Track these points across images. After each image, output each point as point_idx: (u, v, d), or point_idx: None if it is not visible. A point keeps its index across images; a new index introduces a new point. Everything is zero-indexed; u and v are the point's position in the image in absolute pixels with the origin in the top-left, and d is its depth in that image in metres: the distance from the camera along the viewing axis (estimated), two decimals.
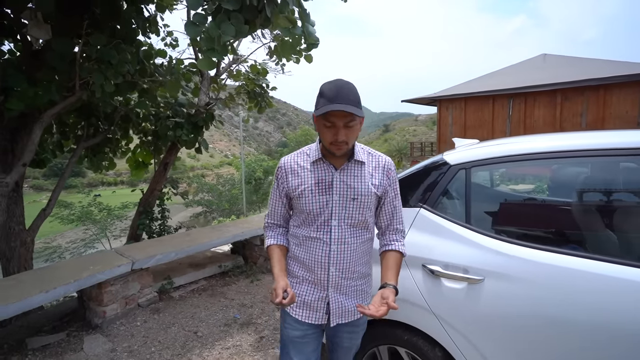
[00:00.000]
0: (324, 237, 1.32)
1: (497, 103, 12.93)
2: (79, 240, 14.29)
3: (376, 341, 1.83)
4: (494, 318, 1.46)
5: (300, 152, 1.42)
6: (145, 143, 5.74)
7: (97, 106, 4.66)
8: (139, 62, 4.19)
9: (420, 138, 46.01)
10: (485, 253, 1.50)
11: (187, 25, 2.90)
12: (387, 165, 1.39)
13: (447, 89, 14.60)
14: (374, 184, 1.34)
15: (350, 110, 1.17)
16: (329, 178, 1.32)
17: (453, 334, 1.56)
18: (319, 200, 1.31)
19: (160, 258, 3.39)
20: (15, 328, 3.04)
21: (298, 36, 2.98)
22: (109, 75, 3.56)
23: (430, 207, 1.70)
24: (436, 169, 1.77)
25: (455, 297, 1.55)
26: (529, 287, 1.38)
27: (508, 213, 1.76)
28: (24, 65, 3.62)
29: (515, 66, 14.98)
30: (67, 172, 4.83)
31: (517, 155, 1.54)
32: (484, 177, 1.93)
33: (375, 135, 76.44)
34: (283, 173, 1.39)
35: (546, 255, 1.38)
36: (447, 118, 14.11)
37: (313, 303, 1.38)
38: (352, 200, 1.30)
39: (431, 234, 1.66)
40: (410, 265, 1.67)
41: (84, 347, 2.68)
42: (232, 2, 2.80)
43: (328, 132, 1.24)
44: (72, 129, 5.20)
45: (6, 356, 2.58)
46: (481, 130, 13.13)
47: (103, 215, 13.30)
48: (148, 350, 2.67)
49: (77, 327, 3.02)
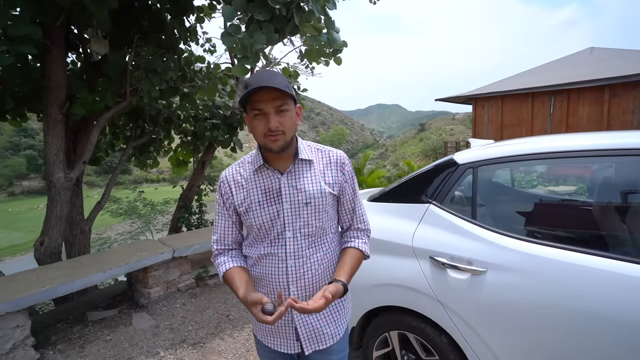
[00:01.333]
0: (278, 252, 1.16)
1: (537, 101, 12.36)
2: (126, 232, 15.41)
3: (387, 327, 1.98)
4: (495, 307, 1.56)
5: (242, 161, 1.24)
6: (186, 143, 6.20)
7: (143, 110, 5.13)
8: (181, 69, 4.58)
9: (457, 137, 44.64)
10: (488, 246, 1.61)
11: (223, 35, 3.18)
12: (339, 160, 1.23)
13: (483, 87, 14.18)
14: (327, 182, 1.19)
15: (276, 86, 1.02)
16: (275, 185, 1.16)
17: (458, 321, 1.68)
18: (268, 212, 1.14)
19: (198, 248, 3.72)
20: (77, 303, 3.50)
21: (324, 42, 3.17)
22: (155, 82, 3.96)
23: (438, 204, 1.83)
24: (446, 167, 1.89)
25: (459, 287, 1.67)
26: (528, 279, 1.48)
27: (512, 210, 1.84)
28: (84, 75, 4.10)
29: (558, 61, 14.23)
30: (119, 168, 5.35)
31: (520, 156, 1.63)
32: (491, 176, 2.02)
33: (410, 135, 75.05)
34: (227, 187, 1.21)
35: (545, 249, 1.47)
36: (483, 117, 13.69)
37: (280, 329, 1.21)
38: (306, 206, 1.15)
39: (439, 228, 1.79)
40: (419, 257, 1.81)
41: (132, 323, 3.06)
42: (263, 12, 3.03)
43: (259, 123, 1.08)
44: (122, 130, 5.75)
45: (71, 325, 3.02)
46: (519, 129, 12.62)
47: (147, 210, 14.27)
48: (186, 329, 2.99)
49: (127, 305, 3.42)
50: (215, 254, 1.27)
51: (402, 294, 1.86)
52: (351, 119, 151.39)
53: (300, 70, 6.19)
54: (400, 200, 2.04)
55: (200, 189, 6.22)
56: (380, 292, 1.95)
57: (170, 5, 4.30)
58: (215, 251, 1.26)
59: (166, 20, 4.34)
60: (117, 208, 13.93)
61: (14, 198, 53.30)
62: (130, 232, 15.03)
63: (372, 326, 2.03)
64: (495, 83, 14.41)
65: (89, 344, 2.75)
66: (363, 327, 2.08)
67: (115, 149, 5.89)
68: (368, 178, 11.77)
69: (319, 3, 3.04)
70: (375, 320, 2.02)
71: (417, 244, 1.82)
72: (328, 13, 3.12)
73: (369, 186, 10.63)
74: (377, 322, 2.02)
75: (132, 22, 4.15)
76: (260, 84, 1.03)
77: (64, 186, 3.71)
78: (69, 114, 3.76)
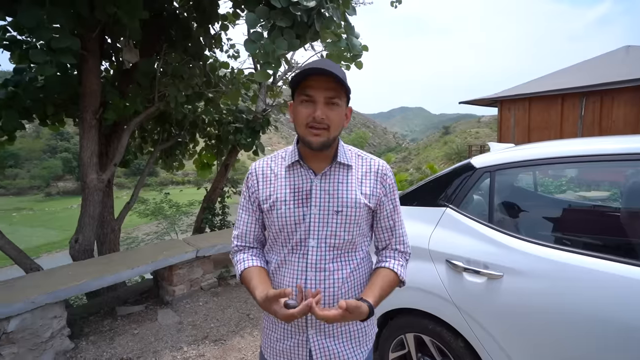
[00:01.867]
0: (298, 261, 1.04)
1: (567, 103, 11.91)
2: (152, 232, 15.96)
3: (403, 329, 1.99)
4: (513, 312, 1.55)
5: (275, 155, 1.16)
6: (210, 146, 6.41)
7: (170, 114, 5.36)
8: (206, 75, 4.76)
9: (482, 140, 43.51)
10: (505, 251, 1.60)
11: (246, 42, 3.29)
12: (381, 170, 1.11)
13: (509, 88, 13.79)
14: (364, 192, 1.07)
15: (336, 72, 0.94)
16: (306, 186, 1.05)
17: (474, 325, 1.68)
18: (293, 214, 1.04)
19: (220, 248, 3.84)
20: (107, 298, 3.69)
21: (344, 48, 3.22)
22: (181, 88, 4.14)
23: (455, 207, 1.83)
24: (463, 171, 1.89)
25: (476, 291, 1.66)
26: (547, 284, 1.46)
27: (531, 214, 1.82)
28: (116, 82, 4.34)
29: (590, 61, 13.66)
30: (147, 171, 5.60)
31: (539, 160, 1.62)
32: (510, 180, 2.00)
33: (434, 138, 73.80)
34: (254, 180, 1.12)
35: (565, 255, 1.45)
36: (509, 120, 13.32)
37: (291, 350, 1.08)
38: (336, 214, 1.03)
39: (455, 231, 1.79)
40: (435, 260, 1.81)
41: (158, 318, 3.20)
42: (285, 19, 3.12)
43: (304, 110, 0.99)
44: (150, 134, 6.01)
45: (102, 318, 3.19)
46: (547, 132, 12.19)
47: (172, 211, 14.75)
48: (208, 326, 3.10)
49: (153, 302, 3.57)
50: (234, 250, 1.17)
51: (418, 296, 1.87)
52: (373, 122, 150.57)
53: None
54: (417, 203, 2.05)
55: (223, 191, 6.41)
56: (396, 294, 1.95)
57: (197, 14, 4.49)
58: (235, 247, 1.16)
59: (192, 28, 4.52)
60: (145, 209, 14.47)
61: (51, 198, 56.31)
62: (157, 232, 15.55)
63: (388, 328, 2.05)
64: (522, 85, 14.00)
65: (118, 337, 2.90)
66: (380, 329, 2.10)
67: (143, 152, 6.16)
68: None
69: (339, 9, 3.10)
70: (392, 322, 2.04)
71: (434, 247, 1.83)
72: (348, 19, 3.17)
73: None
74: (393, 324, 2.03)
75: (161, 31, 4.36)
76: (319, 66, 0.95)
77: (96, 187, 3.93)
78: (102, 119, 3.98)
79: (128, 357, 2.64)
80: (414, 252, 1.90)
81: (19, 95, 3.73)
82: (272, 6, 3.01)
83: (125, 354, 2.68)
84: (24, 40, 3.40)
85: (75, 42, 2.92)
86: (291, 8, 2.97)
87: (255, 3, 3.26)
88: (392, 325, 2.03)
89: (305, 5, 2.87)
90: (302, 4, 2.89)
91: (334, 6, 3.04)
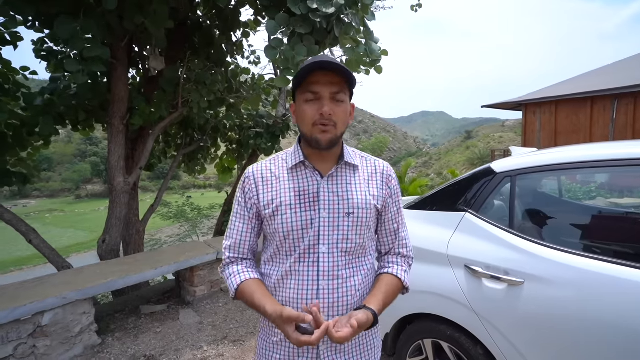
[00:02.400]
0: (308, 270, 0.97)
1: (597, 105, 11.44)
2: (174, 235, 16.39)
3: (421, 334, 1.97)
4: (535, 320, 1.51)
5: (274, 157, 1.09)
6: (231, 150, 6.55)
7: (193, 119, 5.52)
8: (227, 81, 4.89)
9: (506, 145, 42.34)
10: (526, 257, 1.56)
11: (266, 49, 3.37)
12: (386, 171, 1.09)
13: (534, 92, 13.41)
14: (372, 194, 1.03)
15: (341, 68, 0.91)
16: (313, 188, 0.99)
17: (494, 332, 1.64)
18: (300, 218, 0.97)
19: None
20: (132, 297, 3.82)
21: (362, 53, 3.24)
22: (204, 94, 4.27)
23: (475, 212, 1.81)
24: (483, 176, 1.87)
25: (496, 297, 1.63)
26: (571, 292, 1.42)
27: (554, 220, 1.77)
28: (142, 89, 4.52)
29: (622, 62, 13.11)
30: (170, 174, 5.78)
31: (562, 164, 1.58)
32: (532, 185, 1.95)
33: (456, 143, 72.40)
34: (252, 185, 1.03)
35: (590, 262, 1.40)
36: (534, 124, 12.92)
37: None
38: (347, 217, 0.98)
39: (475, 236, 1.76)
40: (454, 265, 1.79)
41: (179, 318, 3.28)
42: (304, 26, 3.18)
43: (310, 108, 0.94)
44: (173, 139, 6.21)
45: (127, 316, 3.32)
46: (576, 137, 11.74)
47: (194, 214, 15.12)
48: (227, 327, 3.15)
49: (175, 302, 3.67)
50: (225, 262, 1.07)
51: (436, 301, 1.85)
52: (394, 127, 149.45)
53: None
54: (436, 207, 2.04)
55: None
56: (414, 299, 1.95)
57: (219, 22, 4.63)
58: (227, 259, 1.06)
59: (215, 36, 4.66)
60: (167, 211, 14.90)
61: (80, 200, 58.85)
62: (178, 235, 15.97)
63: (406, 333, 2.03)
64: (548, 88, 13.57)
65: (142, 334, 3.00)
66: (397, 334, 2.09)
67: (167, 156, 6.36)
68: (410, 187, 11.57)
69: (358, 15, 3.13)
70: (410, 327, 2.02)
71: (452, 252, 1.81)
72: (367, 24, 3.19)
73: (410, 194, 10.44)
74: (411, 330, 2.02)
75: (185, 39, 4.51)
76: (320, 60, 0.91)
77: (123, 190, 4.09)
78: (129, 124, 4.15)
79: (151, 354, 2.72)
80: (432, 257, 1.90)
81: (54, 102, 3.96)
82: (292, 13, 3.07)
83: (148, 351, 2.77)
84: (59, 51, 3.62)
85: (106, 51, 3.08)
86: (311, 15, 3.02)
87: (276, 10, 3.34)
88: (409, 330, 2.02)
89: (325, 12, 2.92)
90: (322, 11, 2.93)
91: (353, 12, 3.07)
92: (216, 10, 4.38)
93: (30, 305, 2.40)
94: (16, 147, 3.94)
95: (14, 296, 2.50)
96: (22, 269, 25.50)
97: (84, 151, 69.05)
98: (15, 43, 3.49)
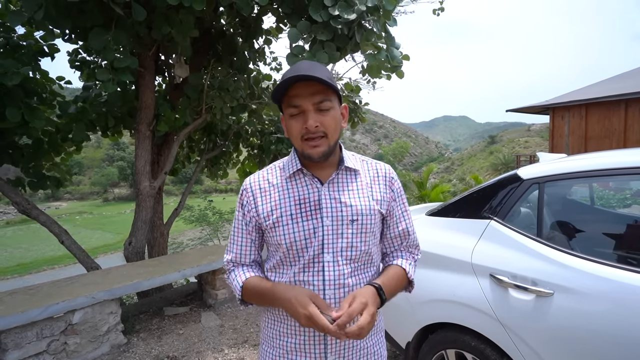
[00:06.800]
0: (313, 280, 0.95)
1: (632, 108, 10.90)
2: (196, 238, 16.73)
3: (444, 344, 1.92)
4: (566, 333, 1.45)
5: (271, 167, 1.06)
6: (252, 155, 6.64)
7: (216, 125, 5.63)
8: (250, 87, 4.98)
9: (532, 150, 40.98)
10: (556, 267, 1.50)
11: (288, 56, 3.40)
12: (388, 174, 1.06)
13: (562, 95, 12.95)
14: (375, 198, 1.01)
15: (317, 74, 0.86)
16: (314, 196, 0.96)
17: (521, 345, 1.58)
18: (302, 228, 0.95)
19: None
20: (156, 298, 3.92)
21: (384, 59, 3.23)
22: (227, 100, 4.36)
23: (500, 220, 1.76)
24: (509, 183, 1.82)
25: (523, 308, 1.57)
26: (603, 304, 1.35)
27: (585, 229, 1.69)
28: (168, 96, 4.67)
29: None
30: (193, 179, 5.91)
31: (593, 171, 1.52)
32: (562, 192, 1.88)
33: (479, 147, 70.72)
34: (250, 197, 1.01)
35: (629, 274, 1.34)
36: (563, 128, 12.45)
37: None
38: (351, 224, 0.95)
39: (500, 245, 1.71)
40: (478, 274, 1.74)
41: (201, 320, 3.34)
42: (326, 33, 3.20)
43: (295, 123, 0.92)
44: (197, 144, 6.36)
45: (151, 317, 3.41)
46: (608, 142, 11.22)
47: (216, 218, 15.39)
48: (248, 330, 3.18)
49: (197, 304, 3.74)
50: (229, 268, 1.07)
51: (460, 311, 1.80)
52: (415, 132, 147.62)
53: (362, 85, 6.30)
54: (459, 215, 2.00)
55: None
56: (437, 307, 1.91)
57: (242, 30, 4.73)
58: (231, 265, 1.07)
59: (238, 43, 4.77)
60: (190, 215, 15.23)
61: (107, 203, 61.15)
62: (200, 238, 16.29)
63: (428, 342, 1.99)
64: (577, 91, 13.09)
65: (165, 335, 3.07)
66: (419, 343, 2.05)
67: (191, 160, 6.52)
68: (431, 192, 11.38)
69: (379, 21, 3.13)
70: (432, 337, 1.97)
71: (477, 260, 1.76)
72: (389, 30, 3.18)
73: (431, 200, 10.26)
74: (433, 339, 1.97)
75: (209, 47, 4.64)
76: (297, 73, 0.87)
77: (149, 194, 4.22)
78: (155, 131, 4.29)
79: (174, 355, 2.78)
80: (455, 265, 1.86)
81: (86, 110, 4.15)
82: (313, 20, 3.10)
83: (171, 352, 2.83)
84: (92, 61, 3.79)
85: (134, 60, 3.20)
86: (332, 22, 3.04)
87: (297, 18, 3.38)
88: (432, 339, 1.97)
89: (346, 18, 2.93)
90: (343, 17, 2.95)
91: (374, 18, 3.07)
92: (239, 18, 4.48)
93: (63, 303, 2.51)
94: (51, 152, 4.15)
95: (48, 294, 2.62)
96: (54, 267, 26.75)
97: (112, 156, 71.91)
98: (52, 54, 3.69)
